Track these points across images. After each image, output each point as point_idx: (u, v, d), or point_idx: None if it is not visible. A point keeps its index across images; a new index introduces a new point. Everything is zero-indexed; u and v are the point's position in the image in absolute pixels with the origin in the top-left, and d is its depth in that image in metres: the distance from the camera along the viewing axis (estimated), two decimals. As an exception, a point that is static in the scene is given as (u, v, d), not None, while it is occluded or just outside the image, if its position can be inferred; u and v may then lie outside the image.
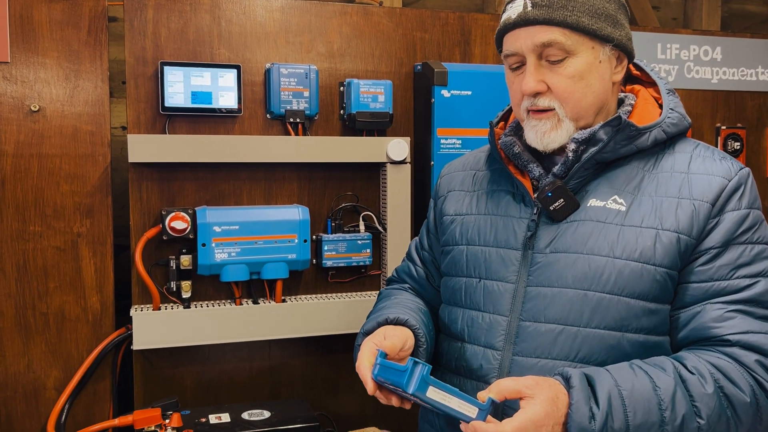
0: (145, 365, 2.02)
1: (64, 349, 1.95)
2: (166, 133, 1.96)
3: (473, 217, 1.34)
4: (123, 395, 2.06)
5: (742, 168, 1.21)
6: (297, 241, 1.99)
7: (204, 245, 1.91)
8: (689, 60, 2.62)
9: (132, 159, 1.86)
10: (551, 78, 1.20)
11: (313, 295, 2.13)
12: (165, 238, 1.93)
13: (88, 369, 1.95)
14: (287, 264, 2.00)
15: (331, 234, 2.10)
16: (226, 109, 1.98)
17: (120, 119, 2.64)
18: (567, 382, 1.07)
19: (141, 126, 1.96)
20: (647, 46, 2.54)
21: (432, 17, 2.21)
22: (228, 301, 2.04)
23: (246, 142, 1.95)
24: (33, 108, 1.89)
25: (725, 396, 1.08)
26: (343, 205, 2.14)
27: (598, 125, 1.20)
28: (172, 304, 1.98)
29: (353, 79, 2.07)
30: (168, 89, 1.92)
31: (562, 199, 1.21)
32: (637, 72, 1.34)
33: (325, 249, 2.07)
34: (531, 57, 1.20)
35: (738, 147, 2.64)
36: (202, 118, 2.00)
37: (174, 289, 1.97)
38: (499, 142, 1.32)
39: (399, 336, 1.23)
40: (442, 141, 2.11)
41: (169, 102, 1.92)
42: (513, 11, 1.21)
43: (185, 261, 1.95)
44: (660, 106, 1.27)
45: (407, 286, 1.52)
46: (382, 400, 1.16)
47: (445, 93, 2.09)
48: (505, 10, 1.24)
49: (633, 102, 1.28)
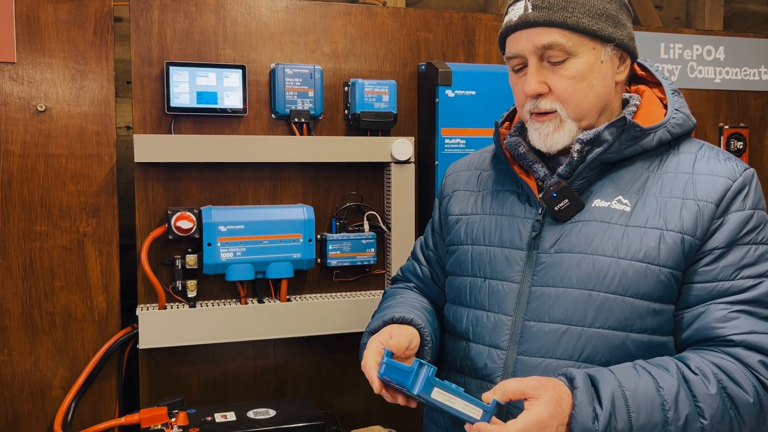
0: (151, 364, 2.03)
1: (70, 348, 1.96)
2: (171, 133, 1.97)
3: (478, 217, 1.35)
4: (129, 394, 2.07)
5: (746, 169, 1.21)
6: (302, 241, 2.00)
7: (209, 245, 1.92)
8: (692, 60, 2.62)
9: (138, 159, 1.87)
10: (552, 79, 1.20)
11: (318, 295, 2.14)
12: (170, 237, 1.94)
13: (94, 368, 1.96)
14: (292, 263, 2.01)
15: (336, 233, 2.10)
16: (231, 109, 1.99)
17: (124, 119, 2.64)
18: (571, 382, 1.07)
19: (146, 126, 1.97)
20: (650, 45, 2.54)
21: (436, 17, 2.21)
22: (233, 301, 2.05)
23: (251, 142, 1.96)
24: (39, 108, 1.90)
25: (728, 396, 1.08)
26: (348, 205, 2.15)
27: (602, 126, 1.21)
28: (177, 303, 1.99)
29: (357, 79, 2.08)
30: (173, 89, 1.93)
31: (566, 200, 1.21)
32: (642, 72, 1.34)
33: (330, 248, 2.08)
34: (532, 59, 1.20)
35: (741, 146, 2.64)
36: (207, 118, 2.01)
37: (180, 289, 1.98)
38: (504, 142, 1.32)
39: (405, 335, 1.24)
40: (446, 141, 2.11)
41: (175, 102, 1.93)
42: (514, 14, 1.21)
43: (191, 260, 1.96)
44: (665, 106, 1.28)
45: (412, 285, 1.53)
46: (388, 398, 1.17)
47: (449, 93, 2.10)
48: (507, 12, 1.25)
49: (638, 102, 1.28)
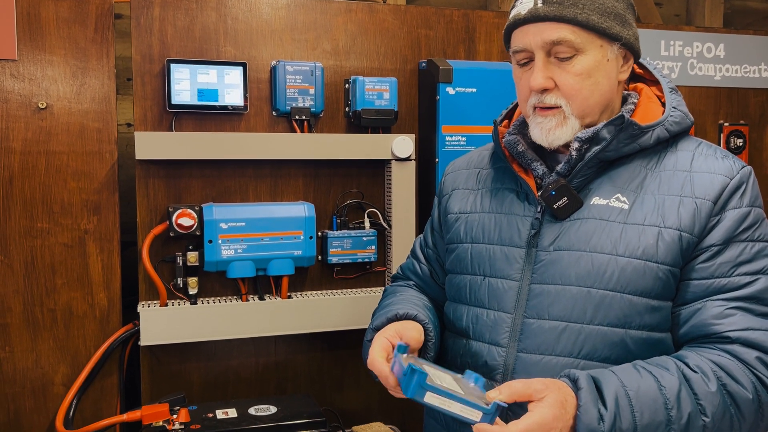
0: (152, 361, 2.04)
1: (71, 345, 1.97)
2: (172, 131, 1.97)
3: (477, 216, 1.35)
4: (130, 391, 2.08)
5: (744, 166, 1.21)
6: (303, 238, 2.01)
7: (210, 242, 1.93)
8: (692, 57, 2.62)
9: (139, 156, 1.88)
10: (559, 75, 1.20)
11: (319, 292, 2.14)
12: (172, 234, 1.94)
13: (95, 365, 1.97)
14: (293, 260, 2.01)
15: (337, 231, 2.11)
16: (232, 107, 1.99)
17: (125, 116, 2.65)
18: (574, 384, 1.07)
19: (147, 123, 1.97)
20: (650, 42, 2.54)
21: (436, 14, 2.21)
22: (234, 298, 2.05)
23: (252, 139, 1.97)
24: (40, 105, 1.91)
25: (728, 393, 1.09)
26: (349, 202, 2.15)
27: (601, 124, 1.21)
28: (178, 300, 2.00)
29: (358, 77, 2.08)
30: (174, 86, 1.93)
31: (565, 198, 1.22)
32: (640, 70, 1.34)
33: (331, 245, 2.08)
34: (540, 54, 1.20)
35: (741, 144, 2.64)
36: (208, 115, 2.01)
37: (181, 286, 1.98)
38: (503, 140, 1.33)
39: (416, 329, 1.25)
40: (446, 138, 2.12)
41: (176, 99, 1.94)
42: (523, 7, 1.20)
43: (192, 257, 1.96)
44: (663, 104, 1.28)
45: (412, 283, 1.53)
46: (396, 394, 1.17)
47: (450, 90, 2.10)
48: (515, 5, 1.24)
49: (636, 100, 1.29)
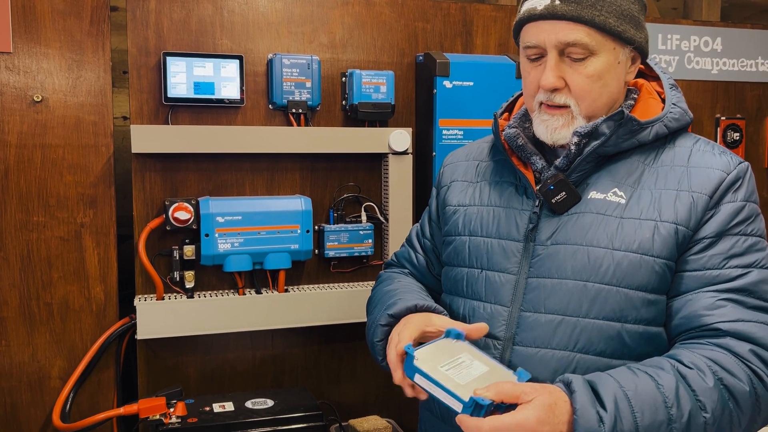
0: (149, 355, 2.03)
1: (68, 339, 1.97)
2: (168, 124, 1.96)
3: (476, 209, 1.35)
4: (127, 384, 2.08)
5: (741, 162, 1.22)
6: (299, 232, 2.00)
7: (207, 235, 1.92)
8: (689, 51, 2.62)
9: (135, 149, 1.87)
10: (571, 75, 1.19)
11: (316, 285, 2.14)
12: (168, 228, 1.94)
13: (92, 358, 1.97)
14: (290, 254, 2.01)
15: (334, 224, 2.11)
16: (228, 100, 1.99)
17: (121, 109, 2.64)
18: (567, 387, 1.05)
19: (144, 116, 1.96)
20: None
21: (434, 8, 2.21)
22: (231, 291, 2.05)
23: (248, 132, 1.96)
24: (36, 98, 1.90)
25: (725, 387, 1.08)
26: (345, 196, 2.15)
27: (600, 119, 1.21)
28: (175, 294, 2.00)
29: (355, 70, 2.07)
30: (170, 80, 1.92)
31: (564, 192, 1.22)
32: (641, 66, 1.34)
33: (328, 239, 2.08)
34: (553, 53, 1.19)
35: (737, 138, 2.65)
36: (204, 108, 2.00)
37: (177, 279, 1.98)
38: (503, 133, 1.32)
39: (445, 319, 1.26)
40: (443, 132, 2.11)
41: (172, 92, 1.93)
42: (539, 2, 1.19)
43: (188, 251, 1.96)
44: (663, 100, 1.28)
45: (407, 271, 1.53)
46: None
47: (447, 84, 2.10)
48: None
49: (636, 96, 1.29)
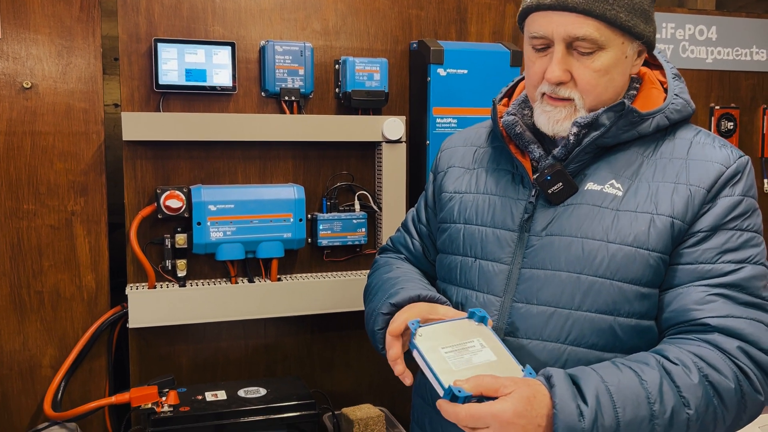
0: (141, 343, 2.02)
1: (59, 328, 1.96)
2: (160, 111, 1.94)
3: (472, 196, 1.34)
4: (119, 373, 2.07)
5: (741, 156, 1.20)
6: (292, 220, 1.99)
7: (199, 224, 1.91)
8: (684, 39, 2.61)
9: (126, 137, 1.85)
10: (577, 69, 1.17)
11: (309, 274, 2.14)
12: (160, 216, 1.92)
13: (83, 347, 1.96)
14: (282, 243, 2.00)
15: (327, 213, 2.10)
16: (220, 87, 1.97)
17: (112, 96, 2.61)
18: (548, 381, 1.04)
19: (135, 104, 1.94)
20: (643, 24, 2.53)
21: (428, -6, 2.19)
22: (223, 280, 2.04)
23: (240, 120, 1.94)
24: (25, 85, 1.87)
25: (710, 384, 1.07)
26: (339, 184, 2.14)
27: (601, 109, 1.19)
28: (167, 282, 1.98)
29: (348, 57, 2.06)
30: (162, 66, 1.90)
31: (560, 183, 1.21)
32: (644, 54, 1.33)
33: (321, 228, 2.07)
34: (560, 45, 1.17)
35: (731, 127, 2.65)
36: (196, 95, 1.98)
37: (169, 268, 1.97)
38: (502, 120, 1.31)
39: (451, 309, 1.25)
40: (437, 120, 2.10)
41: (163, 79, 1.91)
42: None
43: (180, 240, 1.95)
44: (665, 89, 1.27)
45: (403, 256, 1.52)
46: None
47: (441, 71, 2.08)
48: None
49: (638, 85, 1.27)
